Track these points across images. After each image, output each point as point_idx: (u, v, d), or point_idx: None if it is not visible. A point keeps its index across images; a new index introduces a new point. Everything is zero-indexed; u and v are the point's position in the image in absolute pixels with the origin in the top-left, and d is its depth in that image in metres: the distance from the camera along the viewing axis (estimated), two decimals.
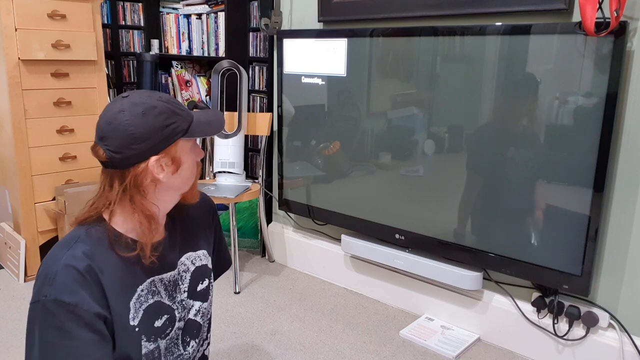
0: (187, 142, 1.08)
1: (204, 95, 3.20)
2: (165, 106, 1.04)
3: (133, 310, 1.06)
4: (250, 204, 2.88)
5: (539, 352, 1.93)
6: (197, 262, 1.24)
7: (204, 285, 1.26)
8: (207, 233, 1.31)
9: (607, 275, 1.77)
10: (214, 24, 2.96)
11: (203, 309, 1.25)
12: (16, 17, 2.33)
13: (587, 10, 1.49)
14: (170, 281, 1.15)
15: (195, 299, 1.23)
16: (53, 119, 2.52)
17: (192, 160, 1.10)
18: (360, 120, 2.24)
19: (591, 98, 1.62)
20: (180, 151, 1.07)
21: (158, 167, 1.04)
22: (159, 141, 1.02)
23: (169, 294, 1.15)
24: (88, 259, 1.01)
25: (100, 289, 1.01)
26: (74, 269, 0.99)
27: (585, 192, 1.67)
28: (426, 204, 2.08)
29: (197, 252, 1.25)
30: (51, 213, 2.56)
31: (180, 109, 1.07)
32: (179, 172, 1.08)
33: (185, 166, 1.09)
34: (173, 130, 1.04)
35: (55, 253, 1.03)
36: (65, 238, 1.06)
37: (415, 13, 2.06)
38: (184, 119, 1.06)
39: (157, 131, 1.02)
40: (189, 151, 1.09)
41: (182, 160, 1.07)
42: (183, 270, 1.20)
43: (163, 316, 1.13)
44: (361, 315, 2.27)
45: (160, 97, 1.06)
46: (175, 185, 1.10)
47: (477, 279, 1.99)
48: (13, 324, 2.12)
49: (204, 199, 1.32)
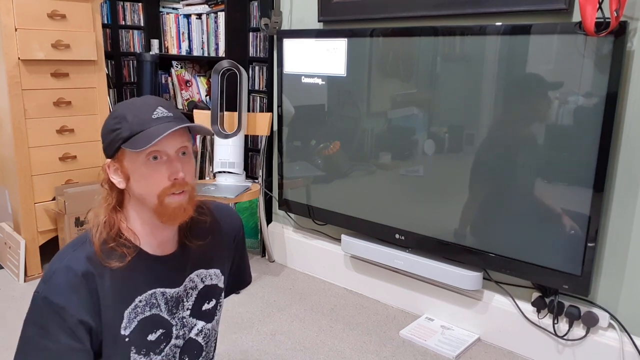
0: (138, 154, 1.00)
1: (204, 95, 3.20)
2: (123, 111, 1.02)
3: (126, 319, 1.05)
4: (250, 204, 2.88)
5: (539, 352, 1.93)
6: (207, 280, 1.20)
7: (210, 305, 1.21)
8: (226, 253, 1.25)
9: (607, 275, 1.77)
10: (214, 24, 2.96)
11: (206, 330, 1.20)
12: (16, 17, 2.33)
13: (587, 10, 1.48)
14: (172, 297, 1.12)
15: (199, 318, 1.18)
16: (53, 119, 2.52)
17: (145, 175, 1.01)
18: (360, 120, 2.24)
19: (591, 98, 1.62)
20: (128, 161, 1.01)
21: (113, 171, 1.05)
22: (106, 145, 1.04)
23: (169, 309, 1.11)
24: (89, 262, 1.01)
25: (94, 295, 1.00)
26: (71, 272, 0.99)
27: (585, 192, 1.67)
28: (426, 204, 2.08)
29: (209, 270, 1.20)
30: (51, 213, 2.56)
31: (134, 116, 1.00)
32: (130, 183, 1.02)
33: (135, 179, 1.02)
34: (115, 137, 1.02)
35: (63, 252, 1.04)
36: (76, 238, 1.07)
37: (415, 13, 2.06)
38: (130, 127, 1.00)
39: (105, 134, 1.04)
40: (143, 164, 1.00)
41: (128, 171, 1.02)
42: (190, 287, 1.16)
43: (158, 330, 1.10)
44: (361, 315, 2.27)
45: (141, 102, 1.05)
46: (135, 196, 1.04)
47: (477, 279, 1.99)
48: (13, 324, 2.12)
49: (233, 216, 1.28)
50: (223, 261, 1.24)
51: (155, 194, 1.01)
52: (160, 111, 1.02)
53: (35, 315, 0.99)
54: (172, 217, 1.04)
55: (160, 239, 1.10)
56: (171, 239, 1.12)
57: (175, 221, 1.06)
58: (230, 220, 1.26)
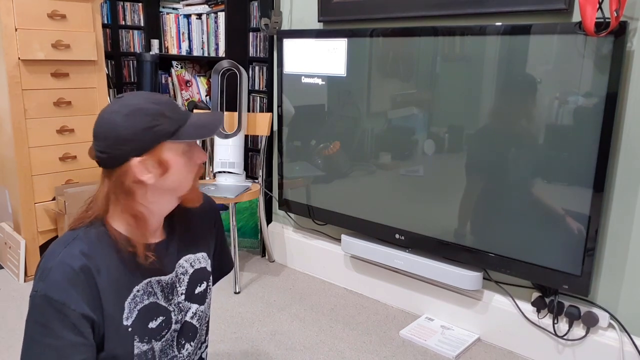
0: (178, 144, 1.06)
1: (204, 95, 3.20)
2: (154, 108, 1.03)
3: (127, 310, 1.06)
4: (250, 204, 2.88)
5: (539, 352, 1.93)
6: (196, 264, 1.23)
7: (202, 288, 1.25)
8: (208, 236, 1.30)
9: (607, 275, 1.77)
10: (214, 24, 2.96)
11: (200, 312, 1.24)
12: (16, 17, 2.33)
13: (587, 10, 1.49)
14: (167, 283, 1.15)
15: (193, 301, 1.22)
16: (53, 119, 2.52)
17: (184, 163, 1.07)
18: (360, 120, 2.24)
19: (591, 98, 1.62)
20: (168, 154, 1.05)
21: (142, 169, 1.03)
22: (140, 143, 1.02)
23: (165, 296, 1.14)
24: (85, 257, 1.01)
25: (93, 289, 1.01)
26: (69, 267, 0.99)
27: (585, 192, 1.67)
28: (426, 204, 2.08)
29: (196, 254, 1.24)
30: (51, 213, 2.56)
31: (171, 112, 1.05)
32: (168, 175, 1.05)
33: (175, 169, 1.06)
34: (156, 133, 1.02)
35: (54, 249, 1.03)
36: (65, 235, 1.07)
37: (415, 13, 2.06)
38: (173, 121, 1.04)
39: (140, 133, 1.01)
40: (181, 154, 1.07)
41: (169, 163, 1.05)
42: (181, 273, 1.19)
43: (158, 318, 1.12)
44: (361, 315, 2.27)
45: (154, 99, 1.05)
46: (167, 188, 1.08)
47: (477, 279, 1.99)
48: (13, 324, 2.12)
49: (208, 201, 1.31)
50: (208, 244, 1.29)
51: (191, 179, 1.11)
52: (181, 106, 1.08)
53: (37, 315, 0.99)
54: (196, 199, 1.15)
55: (152, 228, 1.13)
56: (159, 227, 1.16)
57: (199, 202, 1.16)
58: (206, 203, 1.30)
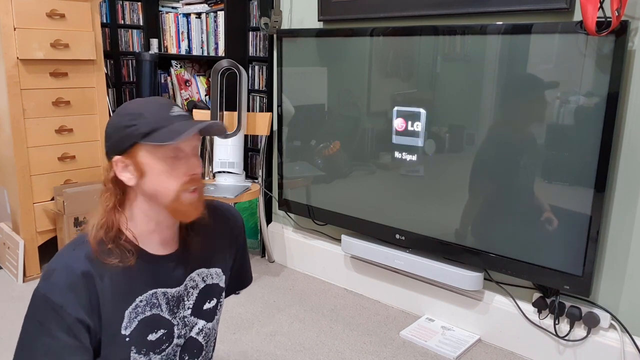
0: (161, 149, 1.01)
1: (203, 95, 3.20)
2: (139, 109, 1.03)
3: (127, 319, 1.05)
4: (250, 204, 2.87)
5: (540, 353, 1.93)
6: (208, 280, 1.19)
7: (212, 305, 1.21)
8: (227, 251, 1.25)
9: (609, 275, 1.76)
10: (213, 23, 2.95)
11: (207, 329, 1.20)
12: (15, 17, 2.32)
13: (588, 10, 1.48)
14: (174, 296, 1.12)
15: (200, 317, 1.18)
16: (52, 119, 2.52)
17: (163, 170, 1.02)
18: (360, 120, 2.24)
19: (592, 98, 1.61)
20: (146, 157, 1.01)
21: (121, 168, 1.03)
22: (117, 141, 1.03)
23: (170, 309, 1.11)
24: (89, 262, 1.01)
25: (92, 294, 1.01)
26: (71, 271, 1.00)
27: (586, 192, 1.67)
28: (426, 204, 2.08)
29: (210, 269, 1.20)
30: (50, 213, 2.55)
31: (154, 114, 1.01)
32: (145, 179, 1.02)
33: (152, 175, 1.02)
34: (129, 133, 1.01)
35: (63, 250, 1.05)
36: (76, 238, 1.08)
37: (415, 12, 2.05)
38: (149, 123, 1.00)
39: (118, 130, 1.03)
40: (161, 160, 1.01)
41: (145, 167, 1.01)
42: (191, 287, 1.15)
43: (159, 330, 1.10)
44: (361, 315, 2.27)
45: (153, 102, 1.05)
46: (148, 194, 1.04)
47: (478, 280, 1.98)
48: (12, 324, 2.11)
49: (234, 216, 1.27)
50: (224, 260, 1.24)
51: (173, 190, 1.03)
52: (177, 110, 1.05)
53: (35, 312, 1.01)
54: (185, 213, 1.06)
55: (162, 237, 1.10)
56: (172, 238, 1.12)
57: (189, 218, 1.08)
58: (231, 219, 1.26)
